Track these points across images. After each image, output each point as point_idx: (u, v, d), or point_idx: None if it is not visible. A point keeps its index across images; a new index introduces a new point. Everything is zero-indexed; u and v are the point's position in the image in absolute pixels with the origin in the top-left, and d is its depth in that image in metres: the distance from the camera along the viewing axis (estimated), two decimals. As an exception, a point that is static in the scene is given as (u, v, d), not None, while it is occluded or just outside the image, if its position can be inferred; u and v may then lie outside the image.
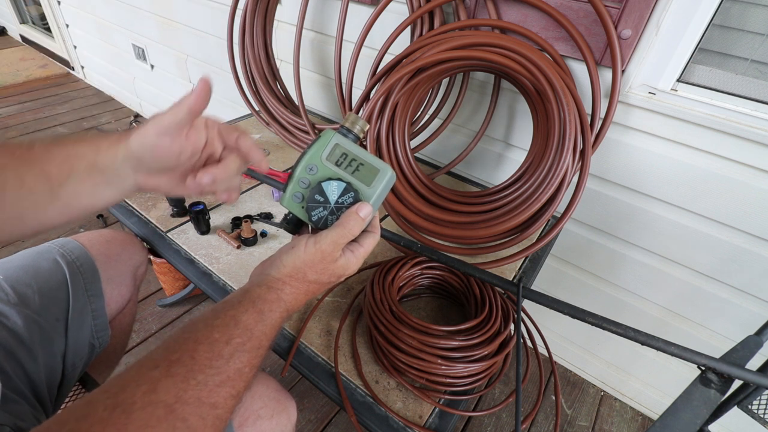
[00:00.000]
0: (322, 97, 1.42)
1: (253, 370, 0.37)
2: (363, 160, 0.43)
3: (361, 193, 0.43)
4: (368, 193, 0.43)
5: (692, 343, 0.63)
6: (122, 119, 2.45)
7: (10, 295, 0.59)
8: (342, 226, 0.42)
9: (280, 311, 0.41)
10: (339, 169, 0.43)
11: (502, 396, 1.24)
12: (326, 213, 0.43)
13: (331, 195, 0.42)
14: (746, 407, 0.55)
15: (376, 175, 0.43)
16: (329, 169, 0.43)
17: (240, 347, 0.36)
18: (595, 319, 0.57)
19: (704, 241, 0.91)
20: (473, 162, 1.17)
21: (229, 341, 0.35)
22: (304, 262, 0.42)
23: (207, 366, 0.33)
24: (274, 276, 0.42)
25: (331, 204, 0.43)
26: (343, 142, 0.43)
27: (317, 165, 0.43)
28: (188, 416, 0.30)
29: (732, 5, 0.77)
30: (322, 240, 0.42)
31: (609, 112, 0.83)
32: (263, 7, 1.19)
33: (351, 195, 0.42)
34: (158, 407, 0.29)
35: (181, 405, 0.30)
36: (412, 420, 0.60)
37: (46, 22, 2.74)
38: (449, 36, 0.82)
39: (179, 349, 0.33)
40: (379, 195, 0.43)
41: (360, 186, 0.43)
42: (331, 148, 0.43)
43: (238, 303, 0.39)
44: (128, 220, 0.90)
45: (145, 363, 0.32)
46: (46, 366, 0.60)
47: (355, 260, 0.45)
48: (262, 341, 0.38)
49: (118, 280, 0.74)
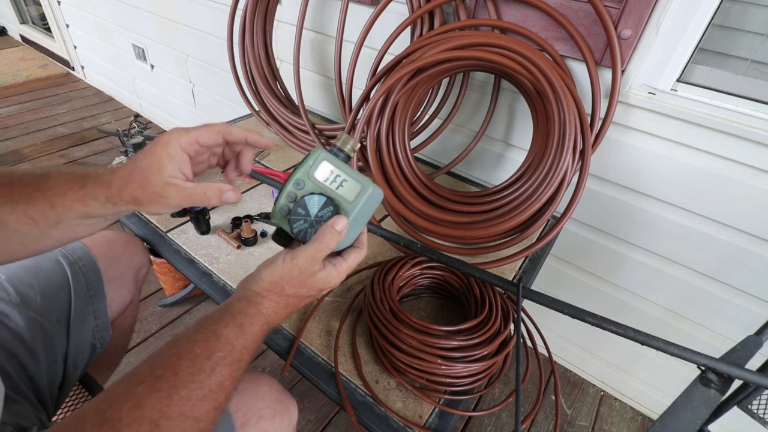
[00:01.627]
0: (322, 97, 1.42)
1: (234, 383, 0.37)
2: (347, 177, 0.44)
3: (342, 208, 0.44)
4: (349, 208, 0.44)
5: (692, 343, 0.63)
6: (122, 119, 2.45)
7: (12, 296, 0.60)
8: (318, 240, 0.43)
9: (260, 325, 0.41)
10: (325, 184, 0.44)
11: (502, 396, 1.24)
12: (306, 226, 0.44)
13: (312, 208, 0.44)
14: (746, 407, 0.55)
15: (359, 191, 0.44)
16: (315, 185, 0.44)
17: (221, 361, 0.36)
18: (595, 319, 0.57)
19: (704, 241, 0.91)
20: (473, 162, 1.17)
21: (211, 356, 0.36)
22: (282, 277, 0.43)
23: (189, 381, 0.34)
24: (253, 290, 0.43)
25: (311, 217, 0.44)
26: (330, 159, 0.45)
27: (304, 180, 0.45)
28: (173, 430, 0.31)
29: (732, 5, 0.77)
30: (299, 255, 0.43)
31: (609, 112, 0.83)
32: (263, 7, 1.19)
33: (330, 209, 0.44)
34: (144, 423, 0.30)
35: (165, 420, 0.31)
36: (412, 420, 0.60)
37: (46, 22, 2.74)
38: (449, 36, 0.82)
39: (162, 365, 0.34)
40: (360, 210, 0.44)
41: (341, 201, 0.44)
42: (319, 164, 0.45)
43: (219, 318, 0.39)
44: (128, 221, 0.90)
45: (132, 379, 0.33)
46: (48, 366, 0.60)
47: (337, 274, 0.45)
48: (243, 354, 0.39)
49: (119, 281, 0.74)
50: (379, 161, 0.91)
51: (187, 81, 1.95)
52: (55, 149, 2.15)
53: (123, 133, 1.01)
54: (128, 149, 0.97)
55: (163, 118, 2.35)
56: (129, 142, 0.96)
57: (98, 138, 2.27)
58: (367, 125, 0.89)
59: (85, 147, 2.20)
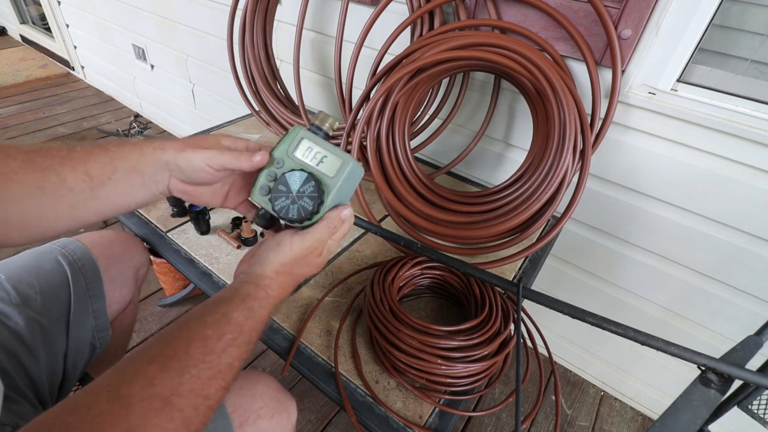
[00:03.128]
0: (322, 97, 1.42)
1: (242, 362, 0.39)
2: (327, 153, 0.45)
3: (323, 183, 0.44)
4: (331, 183, 0.44)
5: (692, 343, 0.63)
6: (122, 119, 2.45)
7: (12, 296, 0.60)
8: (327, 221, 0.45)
9: (268, 308, 0.43)
10: (304, 161, 0.45)
11: (502, 396, 1.24)
12: (288, 202, 0.44)
13: (293, 185, 0.44)
14: (746, 407, 0.55)
15: (339, 166, 0.44)
16: (295, 162, 0.45)
17: (231, 343, 0.38)
18: (595, 319, 0.57)
19: (704, 241, 0.91)
20: (473, 162, 1.17)
21: (221, 337, 0.37)
22: (293, 259, 0.45)
23: (200, 361, 0.35)
24: (261, 274, 0.44)
25: (293, 193, 0.44)
26: (309, 137, 0.45)
27: (284, 159, 0.45)
28: (183, 407, 0.32)
29: (732, 5, 0.77)
30: (308, 237, 0.45)
31: (609, 112, 0.83)
32: (263, 7, 1.19)
33: (312, 184, 0.44)
34: (156, 400, 0.31)
35: (176, 397, 0.32)
36: (412, 420, 0.60)
37: (46, 22, 2.74)
38: (449, 36, 0.82)
39: (174, 345, 0.35)
40: (342, 184, 0.45)
41: (323, 177, 0.44)
42: (297, 142, 0.45)
43: (229, 300, 0.41)
44: (128, 221, 0.90)
45: (143, 357, 0.34)
46: (48, 366, 0.60)
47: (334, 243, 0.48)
48: (252, 336, 0.41)
49: (119, 281, 0.74)
50: (379, 161, 0.91)
51: (187, 81, 1.95)
52: (55, 149, 2.15)
53: (123, 133, 1.01)
54: (128, 149, 0.97)
55: (163, 118, 2.35)
56: (129, 142, 0.96)
57: (98, 138, 2.27)
58: (367, 125, 0.89)
59: (85, 147, 2.20)
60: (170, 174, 0.44)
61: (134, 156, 0.42)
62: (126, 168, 0.42)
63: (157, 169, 0.43)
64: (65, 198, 0.40)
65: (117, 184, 0.42)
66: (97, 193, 0.41)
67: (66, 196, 0.40)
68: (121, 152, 0.42)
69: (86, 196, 0.41)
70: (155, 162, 0.43)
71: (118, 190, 0.42)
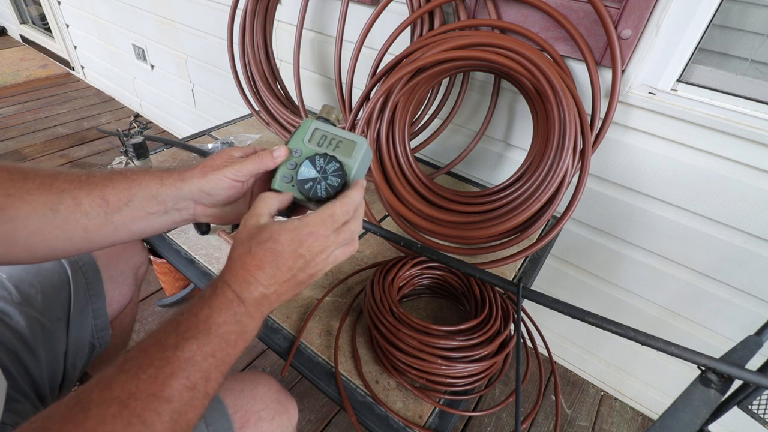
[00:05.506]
0: (322, 97, 1.42)
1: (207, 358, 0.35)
2: (341, 138, 0.48)
3: (344, 164, 0.47)
4: (350, 163, 0.47)
5: (692, 343, 0.63)
6: (122, 119, 2.45)
7: (14, 295, 0.60)
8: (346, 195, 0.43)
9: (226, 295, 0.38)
10: (321, 148, 0.48)
11: (502, 396, 1.24)
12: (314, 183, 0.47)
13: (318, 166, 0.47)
14: (746, 407, 0.55)
15: (354, 147, 0.48)
16: (312, 150, 0.48)
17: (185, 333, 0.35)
18: (595, 319, 0.57)
19: (704, 241, 0.91)
20: (473, 162, 1.17)
21: (176, 329, 0.35)
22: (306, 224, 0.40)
23: (156, 358, 0.33)
24: None
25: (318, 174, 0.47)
26: (321, 126, 0.49)
27: (301, 148, 0.48)
28: (142, 412, 0.30)
29: (732, 5, 0.77)
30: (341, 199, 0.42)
31: (609, 112, 0.83)
32: (263, 7, 1.19)
33: (334, 164, 0.46)
34: (112, 404, 0.30)
35: (133, 401, 0.30)
36: (412, 420, 0.60)
37: (46, 22, 2.75)
38: (449, 36, 0.82)
39: (134, 348, 0.34)
40: (360, 163, 0.48)
41: (342, 158, 0.47)
42: (311, 132, 0.49)
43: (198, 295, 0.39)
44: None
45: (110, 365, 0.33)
46: (49, 366, 0.60)
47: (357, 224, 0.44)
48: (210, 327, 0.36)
49: (119, 280, 0.74)
50: (379, 161, 0.91)
51: (187, 81, 1.95)
52: (55, 149, 2.15)
53: (123, 133, 1.01)
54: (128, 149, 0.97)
55: (163, 118, 2.35)
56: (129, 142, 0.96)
57: (98, 138, 2.27)
58: (367, 125, 0.89)
59: (85, 147, 2.20)
60: (195, 202, 0.45)
61: (154, 185, 0.43)
62: (144, 196, 0.43)
63: (179, 198, 0.44)
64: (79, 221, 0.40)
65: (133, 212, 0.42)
66: (112, 219, 0.42)
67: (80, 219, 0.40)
68: (140, 180, 0.43)
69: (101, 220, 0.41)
70: (176, 192, 0.44)
71: (135, 216, 0.43)
